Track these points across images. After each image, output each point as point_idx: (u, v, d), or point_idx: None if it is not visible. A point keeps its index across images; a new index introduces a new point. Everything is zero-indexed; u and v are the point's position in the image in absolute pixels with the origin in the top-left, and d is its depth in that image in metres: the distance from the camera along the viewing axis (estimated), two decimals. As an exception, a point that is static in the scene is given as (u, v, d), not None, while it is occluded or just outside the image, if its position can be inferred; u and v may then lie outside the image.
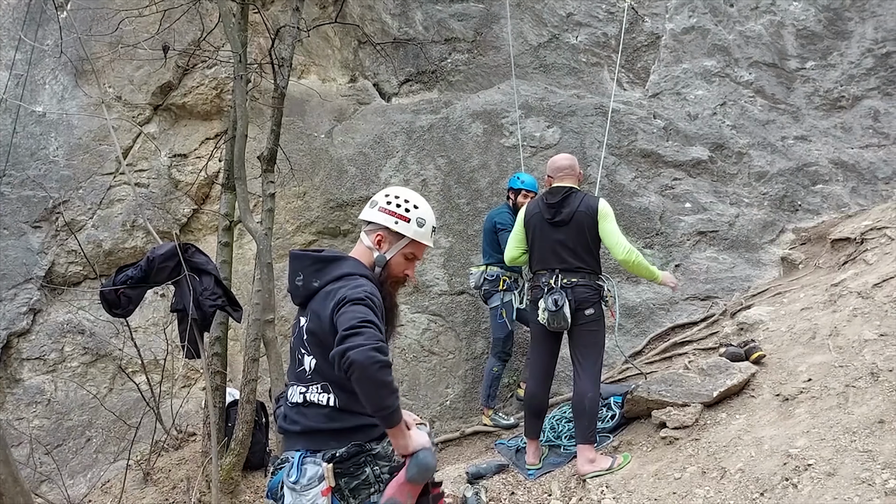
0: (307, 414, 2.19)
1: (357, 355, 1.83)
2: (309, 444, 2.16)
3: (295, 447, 2.19)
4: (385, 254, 2.30)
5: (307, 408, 2.19)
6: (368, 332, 1.89)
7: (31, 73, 6.24)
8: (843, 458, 2.91)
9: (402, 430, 1.96)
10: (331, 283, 2.18)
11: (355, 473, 2.09)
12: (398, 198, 2.33)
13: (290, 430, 2.23)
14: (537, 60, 6.67)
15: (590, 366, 3.98)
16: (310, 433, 2.17)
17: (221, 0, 4.51)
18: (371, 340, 1.87)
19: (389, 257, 2.30)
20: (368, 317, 1.95)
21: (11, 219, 5.97)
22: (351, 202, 6.15)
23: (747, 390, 3.87)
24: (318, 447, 2.13)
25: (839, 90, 6.49)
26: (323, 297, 2.16)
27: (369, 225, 2.34)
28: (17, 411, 5.67)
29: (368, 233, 2.33)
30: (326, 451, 2.09)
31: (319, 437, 2.15)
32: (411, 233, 2.30)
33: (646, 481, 3.57)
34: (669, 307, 5.63)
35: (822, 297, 4.56)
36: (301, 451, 2.16)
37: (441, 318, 5.83)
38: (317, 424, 2.16)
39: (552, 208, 4.04)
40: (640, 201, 5.98)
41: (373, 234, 2.32)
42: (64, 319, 5.88)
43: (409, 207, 2.30)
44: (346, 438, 2.11)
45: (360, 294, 2.05)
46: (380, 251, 2.30)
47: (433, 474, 2.10)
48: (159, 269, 3.53)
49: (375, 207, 2.32)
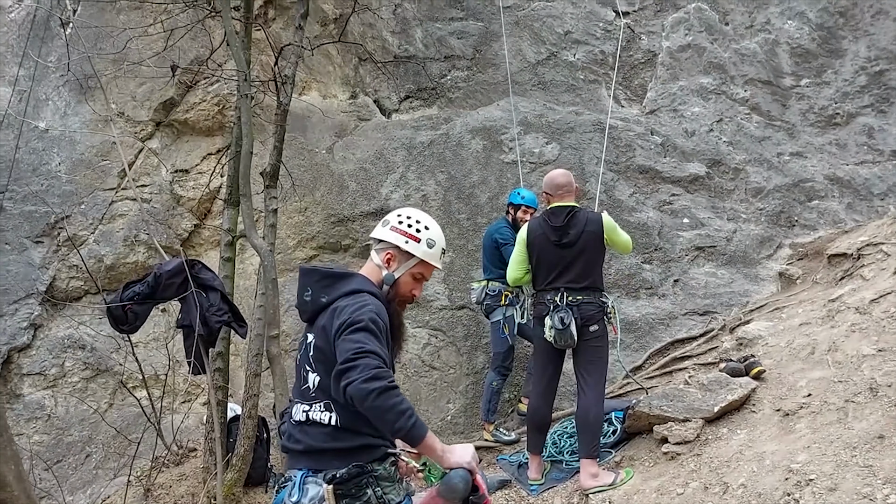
0: (309, 432, 2.18)
1: (353, 390, 1.89)
2: (311, 463, 2.15)
3: (297, 466, 2.18)
4: (393, 272, 2.32)
5: (310, 426, 2.19)
6: (363, 362, 1.92)
7: (34, 89, 6.28)
8: (844, 474, 2.95)
9: (432, 446, 1.97)
10: (339, 300, 2.19)
11: (357, 494, 2.06)
12: (410, 218, 2.36)
13: (293, 448, 2.23)
14: (536, 77, 6.75)
15: (594, 382, 4.02)
16: (312, 452, 2.16)
17: (227, 19, 4.56)
18: (365, 372, 1.90)
19: (398, 276, 2.32)
20: (366, 346, 1.97)
21: (13, 234, 5.98)
22: (352, 217, 6.19)
23: (748, 405, 3.91)
24: (321, 467, 2.11)
25: (834, 107, 6.59)
26: (330, 313, 2.17)
27: (380, 243, 2.36)
28: (17, 427, 5.65)
29: (378, 251, 2.36)
30: (328, 472, 2.08)
31: (322, 457, 2.14)
32: (420, 253, 2.32)
33: (648, 496, 3.60)
34: (669, 322, 5.67)
35: (821, 313, 4.61)
36: (303, 470, 2.15)
37: (442, 333, 5.85)
38: (319, 444, 2.15)
39: (558, 231, 4.08)
40: (639, 217, 6.04)
41: (382, 252, 2.34)
42: (65, 334, 5.88)
43: (420, 228, 2.33)
44: (348, 458, 2.09)
45: (362, 317, 2.05)
46: (388, 269, 2.32)
47: (463, 497, 2.03)
48: (166, 285, 3.56)
49: (387, 226, 2.35)
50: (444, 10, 7.02)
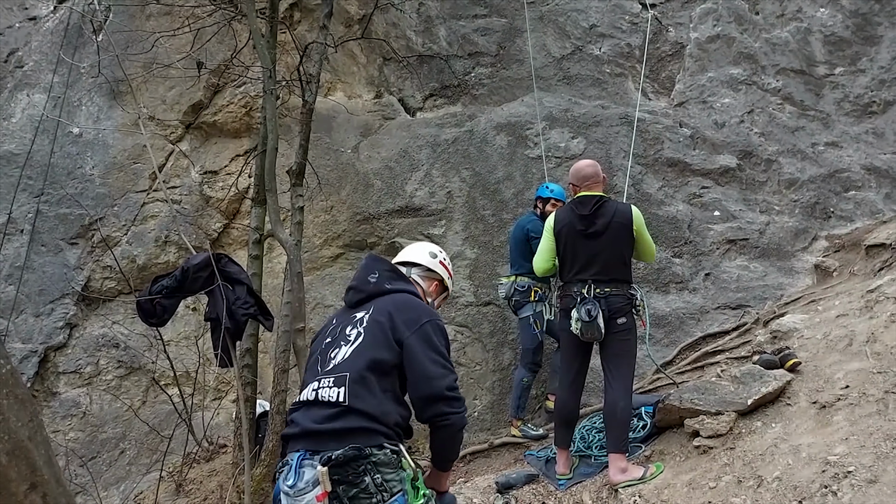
0: (311, 414, 2.16)
1: (458, 420, 2.19)
2: (308, 444, 2.11)
3: (294, 448, 2.14)
4: (434, 301, 2.71)
5: (314, 406, 2.17)
6: (460, 396, 2.23)
7: (67, 95, 6.45)
8: (884, 465, 2.84)
9: (447, 476, 2.40)
10: (403, 294, 2.44)
11: (354, 481, 2.00)
12: (446, 258, 2.79)
13: (291, 432, 2.20)
14: (561, 72, 6.69)
15: (621, 375, 3.94)
16: (311, 434, 2.12)
17: (252, 18, 4.62)
18: (462, 408, 2.23)
19: (437, 305, 2.72)
20: (454, 374, 2.26)
21: (49, 236, 6.14)
22: (377, 215, 6.21)
23: (783, 398, 3.79)
24: (317, 448, 2.07)
25: (870, 95, 6.40)
26: (395, 301, 2.38)
27: (427, 272, 2.69)
28: (52, 424, 5.78)
29: (424, 278, 2.68)
30: (324, 453, 2.03)
31: (319, 438, 2.10)
32: (450, 290, 2.78)
33: (679, 491, 3.51)
34: (700, 316, 5.55)
35: (858, 304, 4.47)
36: (300, 451, 2.10)
37: (468, 330, 5.82)
38: (317, 425, 2.12)
39: (585, 220, 4.00)
40: (668, 210, 5.94)
41: (431, 281, 2.70)
42: (99, 333, 6.01)
43: (451, 269, 2.79)
44: (346, 440, 2.04)
45: (442, 327, 2.35)
46: (432, 297, 2.69)
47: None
48: (193, 278, 3.60)
49: (436, 259, 2.71)
50: (467, 8, 7.02)
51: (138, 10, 6.59)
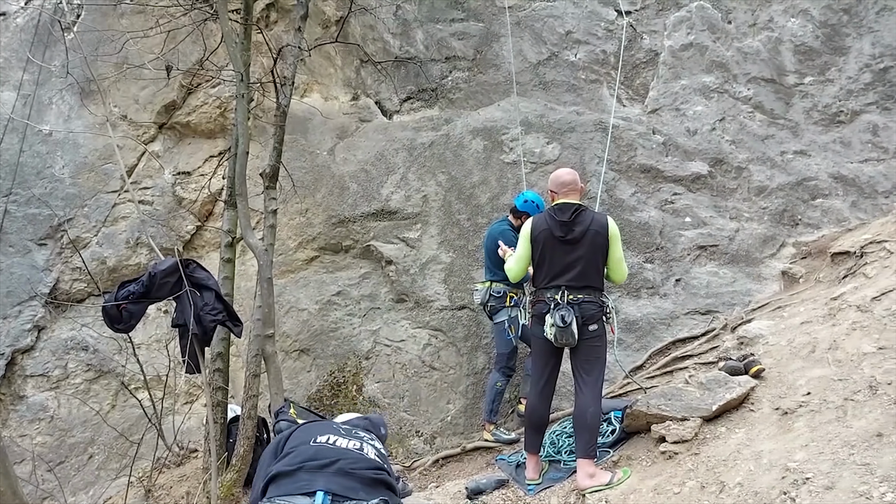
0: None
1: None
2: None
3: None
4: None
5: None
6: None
7: (38, 94, 6.35)
8: (841, 472, 2.90)
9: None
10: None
11: None
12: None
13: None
14: (537, 78, 6.74)
15: (592, 381, 3.98)
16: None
17: (224, 20, 4.59)
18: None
19: None
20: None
21: (17, 236, 6.04)
22: (352, 218, 6.20)
23: (746, 404, 3.86)
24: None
25: (838, 105, 6.52)
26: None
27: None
28: (20, 428, 5.69)
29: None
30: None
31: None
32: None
33: (645, 496, 3.56)
34: (670, 322, 5.62)
35: (822, 311, 4.56)
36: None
37: (442, 333, 5.84)
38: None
39: (564, 226, 4.04)
40: (640, 216, 6.01)
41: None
42: (68, 336, 5.93)
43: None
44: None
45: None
46: None
47: None
48: (161, 284, 3.57)
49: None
50: (444, 12, 7.03)
51: (111, 9, 6.50)
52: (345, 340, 5.95)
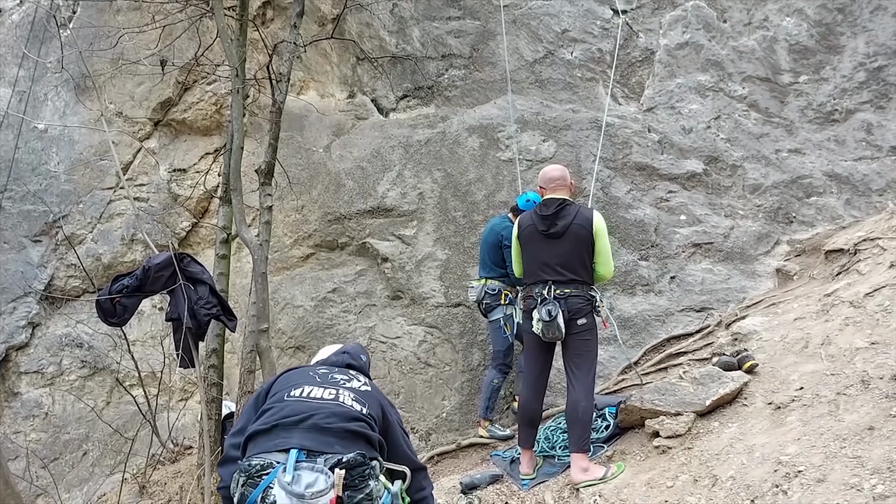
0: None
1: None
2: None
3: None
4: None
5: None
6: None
7: (33, 90, 6.35)
8: (832, 465, 2.92)
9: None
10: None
11: (360, 486, 2.08)
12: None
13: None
14: (533, 76, 6.74)
15: (583, 375, 3.99)
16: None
17: (220, 17, 4.59)
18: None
19: None
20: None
21: (12, 233, 6.03)
22: (348, 215, 6.20)
23: (740, 399, 3.88)
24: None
25: (832, 104, 6.55)
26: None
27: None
28: (14, 425, 5.69)
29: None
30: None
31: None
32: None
33: (638, 490, 3.57)
34: (665, 318, 5.64)
35: (815, 307, 4.58)
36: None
37: (438, 330, 5.85)
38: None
39: (546, 220, 4.06)
40: (635, 214, 6.02)
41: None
42: (63, 333, 5.92)
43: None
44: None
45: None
46: None
47: None
48: (155, 278, 3.57)
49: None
50: (441, 9, 7.03)
51: (106, 5, 6.50)
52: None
